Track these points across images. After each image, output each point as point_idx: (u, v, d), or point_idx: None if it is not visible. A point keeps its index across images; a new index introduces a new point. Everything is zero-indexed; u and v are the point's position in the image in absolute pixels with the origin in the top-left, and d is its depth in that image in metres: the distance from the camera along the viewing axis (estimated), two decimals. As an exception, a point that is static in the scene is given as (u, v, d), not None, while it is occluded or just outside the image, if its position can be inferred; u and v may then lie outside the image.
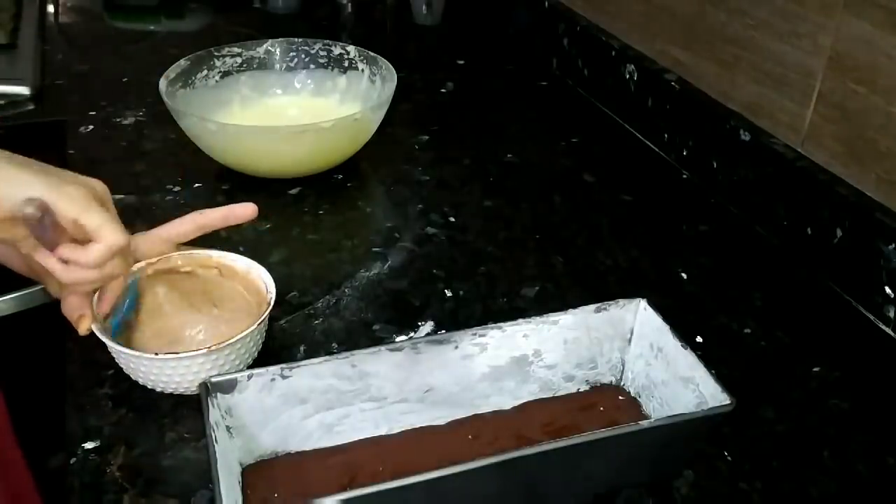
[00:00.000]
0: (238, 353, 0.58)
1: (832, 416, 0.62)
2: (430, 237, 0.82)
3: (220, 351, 0.56)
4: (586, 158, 0.99)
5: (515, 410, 0.59)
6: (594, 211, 0.88)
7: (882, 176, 0.72)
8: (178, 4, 1.43)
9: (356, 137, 0.90)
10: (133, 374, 0.59)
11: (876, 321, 0.72)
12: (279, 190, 0.88)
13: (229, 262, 0.65)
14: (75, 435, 0.57)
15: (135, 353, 0.56)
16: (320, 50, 1.01)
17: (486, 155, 0.98)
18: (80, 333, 0.58)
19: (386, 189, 0.92)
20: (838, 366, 0.67)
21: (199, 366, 0.56)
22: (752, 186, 0.85)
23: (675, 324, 0.57)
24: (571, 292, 0.74)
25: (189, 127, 0.86)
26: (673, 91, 0.97)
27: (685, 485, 0.55)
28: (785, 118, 0.83)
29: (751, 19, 0.85)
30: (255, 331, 0.58)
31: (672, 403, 0.56)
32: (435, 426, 0.57)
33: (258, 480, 0.53)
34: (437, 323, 0.70)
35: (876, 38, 0.71)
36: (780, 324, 0.71)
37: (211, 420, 0.49)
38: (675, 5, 0.97)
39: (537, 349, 0.58)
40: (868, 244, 0.72)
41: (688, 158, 0.95)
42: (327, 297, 0.72)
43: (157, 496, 0.53)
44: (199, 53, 0.96)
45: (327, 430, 0.55)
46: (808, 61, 0.78)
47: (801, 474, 0.57)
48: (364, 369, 0.54)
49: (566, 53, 1.20)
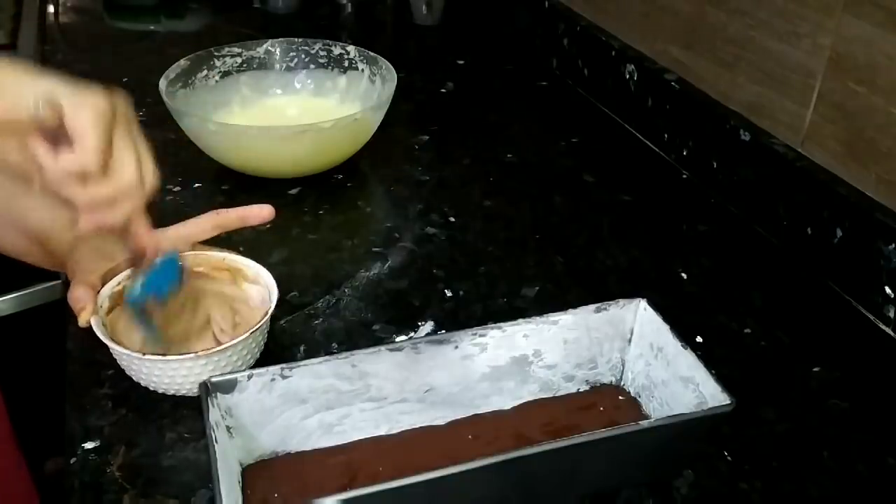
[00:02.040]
0: (240, 355, 0.58)
1: (832, 416, 0.62)
2: (430, 237, 0.82)
3: (221, 353, 0.56)
4: (586, 158, 0.99)
5: (515, 410, 0.59)
6: (594, 211, 0.88)
7: (882, 176, 0.72)
8: (178, 4, 1.43)
9: (356, 137, 0.90)
10: (131, 373, 0.59)
11: (876, 321, 0.72)
12: (279, 190, 0.88)
13: (240, 266, 0.65)
14: (75, 435, 0.57)
15: (135, 354, 0.56)
16: (320, 50, 1.01)
17: (486, 155, 0.98)
18: (80, 325, 0.58)
19: (386, 189, 0.92)
20: (838, 366, 0.67)
21: (201, 367, 0.56)
22: (752, 186, 0.85)
23: (675, 324, 0.57)
24: (571, 292, 0.74)
25: (189, 127, 0.86)
26: (673, 91, 0.97)
27: (685, 485, 0.55)
28: (785, 118, 0.83)
29: (751, 19, 0.85)
30: (251, 337, 0.58)
31: (672, 403, 0.56)
32: (435, 426, 0.57)
33: (258, 480, 0.53)
34: (437, 323, 0.70)
35: (876, 38, 0.71)
36: (780, 324, 0.71)
37: (211, 420, 0.49)
38: (675, 5, 0.97)
39: (537, 349, 0.58)
40: (868, 244, 0.72)
41: (688, 158, 0.95)
42: (327, 297, 0.72)
43: (157, 496, 0.53)
44: (199, 53, 0.96)
45: (327, 430, 0.55)
46: (808, 61, 0.78)
47: (801, 474, 0.57)
48: (364, 369, 0.54)
49: (566, 53, 1.20)
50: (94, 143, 0.48)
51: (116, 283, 0.62)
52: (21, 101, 0.47)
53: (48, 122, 0.47)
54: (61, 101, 0.48)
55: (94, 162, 0.49)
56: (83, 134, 0.48)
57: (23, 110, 0.47)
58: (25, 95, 0.47)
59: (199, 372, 0.57)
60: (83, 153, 0.48)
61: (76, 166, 0.49)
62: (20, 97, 0.47)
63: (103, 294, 0.61)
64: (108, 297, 0.61)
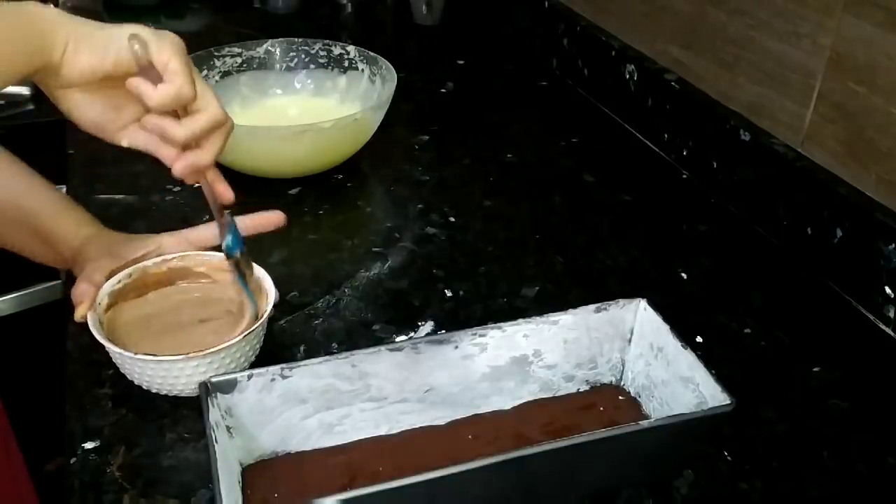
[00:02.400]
0: (234, 357, 0.58)
1: (832, 416, 0.62)
2: (430, 237, 0.82)
3: (214, 355, 0.56)
4: (586, 158, 0.99)
5: (515, 410, 0.59)
6: (594, 211, 0.88)
7: (882, 176, 0.72)
8: (178, 4, 1.43)
9: (356, 137, 0.90)
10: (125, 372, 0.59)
11: (876, 321, 0.72)
12: (279, 190, 0.88)
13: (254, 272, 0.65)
14: (75, 435, 0.57)
15: (127, 353, 0.56)
16: (320, 50, 1.01)
17: (486, 155, 0.98)
18: (75, 318, 0.59)
19: (386, 189, 0.92)
20: (838, 366, 0.67)
21: (192, 368, 0.56)
22: (752, 186, 0.85)
23: (675, 324, 0.57)
24: (571, 292, 0.74)
25: (189, 127, 0.86)
26: (673, 91, 0.97)
27: (685, 485, 0.55)
28: (785, 118, 0.83)
29: (751, 19, 0.85)
30: (244, 340, 0.58)
31: (672, 403, 0.56)
32: (435, 426, 0.57)
33: (258, 480, 0.53)
34: (437, 323, 0.70)
35: (876, 38, 0.71)
36: (780, 324, 0.71)
37: (211, 420, 0.49)
38: (675, 5, 0.97)
39: (537, 349, 0.58)
40: (868, 244, 0.72)
41: (688, 158, 0.95)
42: (327, 297, 0.72)
43: (157, 496, 0.53)
44: (199, 53, 0.96)
45: (327, 430, 0.55)
46: (808, 61, 0.78)
47: (801, 474, 0.57)
48: (364, 369, 0.54)
49: (566, 53, 1.20)
50: (185, 73, 0.52)
51: (117, 280, 0.62)
52: (109, 49, 0.51)
53: (143, 60, 0.51)
54: (147, 41, 0.51)
55: (190, 90, 0.53)
56: (174, 68, 0.52)
57: (111, 57, 0.51)
58: (112, 42, 0.51)
59: (191, 373, 0.57)
60: (180, 83, 0.52)
61: (175, 95, 0.52)
62: (107, 47, 0.51)
63: (103, 291, 0.61)
64: (107, 295, 0.61)
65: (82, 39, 0.51)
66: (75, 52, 0.51)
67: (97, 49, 0.51)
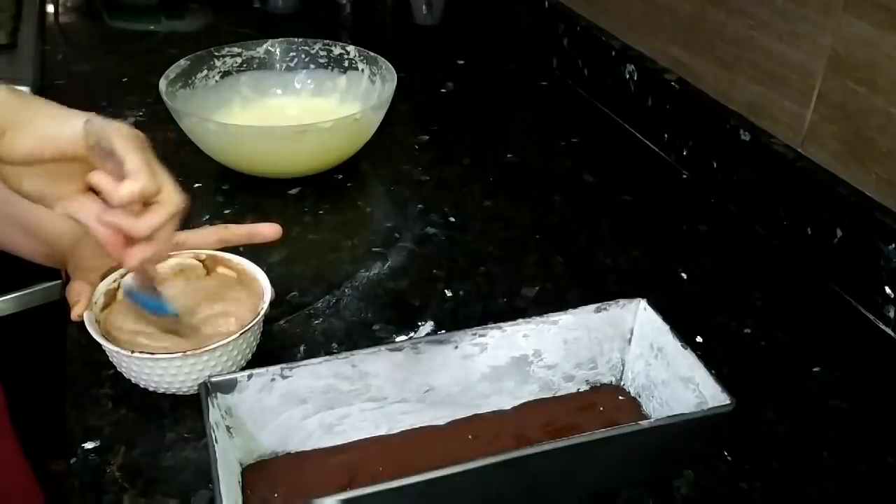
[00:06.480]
0: (230, 356, 0.58)
1: (832, 416, 0.62)
2: (430, 237, 0.82)
3: (210, 353, 0.56)
4: (586, 158, 0.99)
5: (515, 410, 0.59)
6: (594, 211, 0.88)
7: (882, 176, 0.72)
8: (178, 4, 1.43)
9: (356, 137, 0.90)
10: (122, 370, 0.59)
11: (876, 321, 0.72)
12: (279, 190, 0.88)
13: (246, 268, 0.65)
14: (75, 435, 0.57)
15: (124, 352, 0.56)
16: (320, 50, 1.01)
17: (486, 155, 0.98)
18: (72, 317, 0.59)
19: (386, 189, 0.92)
20: (838, 366, 0.67)
21: (189, 366, 0.56)
22: (752, 186, 0.85)
23: (675, 324, 0.57)
24: (571, 292, 0.74)
25: (189, 127, 0.86)
26: (673, 91, 0.97)
27: (685, 485, 0.55)
28: (785, 118, 0.83)
29: (751, 19, 0.85)
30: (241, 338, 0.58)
31: (672, 403, 0.56)
32: (435, 426, 0.57)
33: (258, 480, 0.53)
34: (437, 323, 0.70)
35: (876, 38, 0.71)
36: (780, 324, 0.71)
37: (211, 420, 0.49)
38: (675, 5, 0.97)
39: (537, 349, 0.58)
40: (868, 244, 0.72)
41: (688, 158, 0.95)
42: (327, 297, 0.72)
43: (157, 496, 0.53)
44: (199, 53, 0.96)
45: (327, 430, 0.55)
46: (808, 61, 0.78)
47: (801, 474, 0.57)
48: (364, 369, 0.54)
49: (566, 53, 1.20)
50: (146, 170, 0.51)
51: (112, 280, 0.62)
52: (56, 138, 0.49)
53: (100, 152, 0.49)
54: (105, 133, 0.49)
55: (154, 186, 0.51)
56: (135, 165, 0.50)
57: (56, 145, 0.49)
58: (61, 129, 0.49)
59: (189, 371, 0.57)
60: (143, 180, 0.51)
61: (140, 194, 0.51)
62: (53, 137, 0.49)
63: (99, 290, 0.61)
64: (103, 294, 0.61)
65: (22, 127, 0.49)
66: (12, 140, 0.49)
67: (39, 137, 0.49)
